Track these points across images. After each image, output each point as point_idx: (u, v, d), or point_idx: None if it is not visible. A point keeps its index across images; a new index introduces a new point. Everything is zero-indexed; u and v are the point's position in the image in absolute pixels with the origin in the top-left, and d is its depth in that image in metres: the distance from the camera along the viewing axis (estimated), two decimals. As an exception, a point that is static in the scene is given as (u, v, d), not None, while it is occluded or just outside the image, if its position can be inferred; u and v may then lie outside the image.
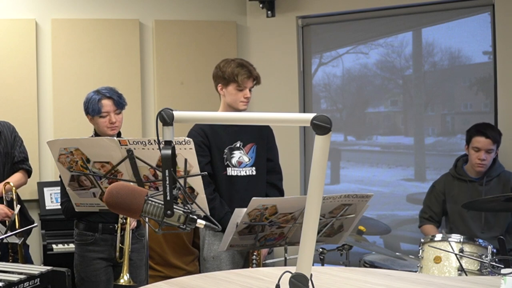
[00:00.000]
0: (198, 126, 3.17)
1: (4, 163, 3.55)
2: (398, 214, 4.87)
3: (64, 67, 4.66)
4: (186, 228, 1.50)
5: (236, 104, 3.16)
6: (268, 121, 1.80)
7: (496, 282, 2.04)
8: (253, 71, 3.17)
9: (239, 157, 3.20)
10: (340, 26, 4.98)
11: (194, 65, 4.89)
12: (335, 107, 5.23)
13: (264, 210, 2.67)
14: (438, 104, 4.75)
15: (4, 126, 3.61)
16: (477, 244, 3.12)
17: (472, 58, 4.57)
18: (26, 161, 3.65)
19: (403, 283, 2.06)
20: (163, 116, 1.51)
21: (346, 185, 5.05)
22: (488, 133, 3.68)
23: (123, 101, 3.20)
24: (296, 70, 4.98)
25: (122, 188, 1.53)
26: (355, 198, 2.83)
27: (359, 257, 3.86)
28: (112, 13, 4.81)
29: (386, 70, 4.90)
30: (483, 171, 3.72)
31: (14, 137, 3.58)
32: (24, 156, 3.64)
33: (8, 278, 2.37)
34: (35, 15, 4.64)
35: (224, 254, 3.10)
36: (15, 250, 3.42)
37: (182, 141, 2.46)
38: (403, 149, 4.90)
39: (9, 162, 3.57)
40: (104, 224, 3.17)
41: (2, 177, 3.53)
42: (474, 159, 3.71)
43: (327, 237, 3.01)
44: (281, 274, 1.61)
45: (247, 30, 5.10)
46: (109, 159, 2.61)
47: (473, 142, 3.71)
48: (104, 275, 3.19)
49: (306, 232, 1.49)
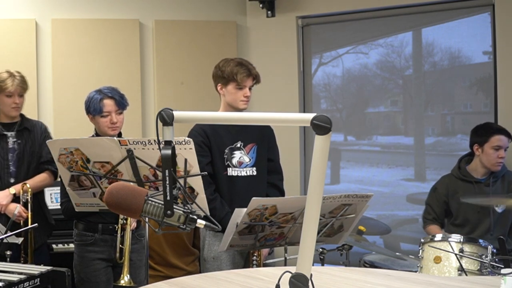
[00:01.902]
0: (198, 126, 3.17)
1: (29, 162, 3.56)
2: (398, 214, 4.87)
3: (64, 67, 4.66)
4: (186, 228, 1.50)
5: (236, 103, 3.16)
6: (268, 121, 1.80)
7: (496, 282, 2.04)
8: (252, 70, 3.17)
9: (240, 157, 3.19)
10: (340, 26, 4.98)
11: (194, 65, 4.89)
12: (335, 107, 5.23)
13: (264, 210, 2.67)
14: (438, 104, 4.75)
15: (36, 126, 3.64)
16: (477, 244, 3.12)
17: (472, 58, 4.57)
18: (53, 162, 3.64)
19: (403, 283, 2.06)
20: (163, 116, 1.51)
21: (346, 185, 5.05)
22: (506, 131, 3.69)
23: (124, 101, 3.20)
24: (296, 70, 4.98)
25: (122, 188, 1.53)
26: (355, 198, 2.83)
27: (359, 257, 3.86)
28: (112, 13, 4.81)
29: (386, 70, 4.90)
30: (500, 169, 3.71)
31: (44, 137, 3.58)
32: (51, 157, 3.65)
33: (8, 278, 2.37)
34: (35, 15, 4.64)
35: (224, 255, 3.10)
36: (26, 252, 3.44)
37: (182, 141, 2.46)
38: (403, 149, 4.90)
39: (34, 162, 3.57)
40: (104, 225, 3.17)
41: (26, 175, 3.54)
42: (494, 158, 3.66)
43: (327, 237, 3.01)
44: (281, 274, 1.61)
45: (247, 30, 5.10)
46: (109, 159, 2.61)
47: (493, 141, 3.66)
48: (104, 276, 3.18)
49: (306, 232, 1.49)
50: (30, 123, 3.64)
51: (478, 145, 3.73)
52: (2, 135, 3.52)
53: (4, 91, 3.46)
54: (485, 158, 3.71)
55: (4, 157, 3.50)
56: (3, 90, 3.45)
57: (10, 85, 3.45)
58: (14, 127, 3.56)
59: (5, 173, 3.51)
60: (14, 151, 3.53)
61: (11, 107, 3.50)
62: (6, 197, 3.43)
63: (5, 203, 3.41)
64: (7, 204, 3.42)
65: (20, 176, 3.53)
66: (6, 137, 3.53)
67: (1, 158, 3.50)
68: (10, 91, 3.46)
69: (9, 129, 3.55)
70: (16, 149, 3.53)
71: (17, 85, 3.47)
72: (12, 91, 3.46)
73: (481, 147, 3.71)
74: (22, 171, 3.54)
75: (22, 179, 3.52)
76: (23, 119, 3.62)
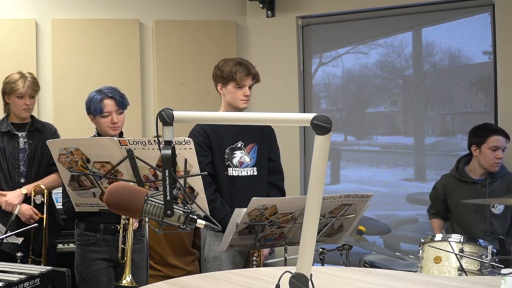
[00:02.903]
0: (199, 126, 3.17)
1: (39, 163, 3.57)
2: (398, 214, 4.87)
3: (64, 67, 4.66)
4: (186, 228, 1.50)
5: (236, 103, 3.16)
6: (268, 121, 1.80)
7: (496, 282, 2.04)
8: (251, 69, 3.17)
9: (240, 157, 3.20)
10: (340, 26, 4.98)
11: (194, 65, 4.89)
12: (335, 107, 5.23)
13: (264, 210, 2.67)
14: (438, 104, 4.75)
15: (46, 127, 3.66)
16: (477, 244, 3.12)
17: (472, 58, 4.57)
18: None
19: (403, 283, 2.06)
20: (163, 116, 1.51)
21: (346, 185, 5.05)
22: (503, 131, 3.68)
23: (125, 101, 3.20)
24: (296, 70, 4.98)
25: (122, 188, 1.54)
26: (355, 198, 2.83)
27: (359, 257, 3.86)
28: (112, 13, 4.81)
29: (386, 70, 4.90)
30: (498, 170, 3.71)
31: None
32: None
33: (8, 278, 2.37)
34: (35, 15, 4.64)
35: (224, 255, 3.10)
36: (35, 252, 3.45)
37: (182, 141, 2.46)
38: (403, 149, 4.90)
39: (45, 163, 3.58)
40: (105, 225, 3.17)
41: (36, 176, 3.55)
42: (492, 158, 3.67)
43: (327, 237, 3.02)
44: (281, 274, 1.61)
45: (247, 30, 5.10)
46: (109, 159, 2.61)
47: (491, 142, 3.66)
48: (105, 276, 3.18)
49: (306, 232, 1.49)
50: (40, 124, 3.66)
51: (476, 146, 3.73)
52: (14, 135, 3.53)
53: (15, 92, 3.47)
54: (482, 159, 3.70)
55: (15, 157, 3.52)
56: (14, 91, 3.47)
57: (21, 87, 3.46)
58: (25, 128, 3.57)
59: (16, 173, 3.52)
60: (25, 152, 3.54)
61: (22, 109, 3.51)
62: (18, 197, 3.44)
63: (16, 203, 3.42)
64: (19, 203, 3.43)
65: (30, 176, 3.54)
66: (17, 137, 3.54)
67: (12, 158, 3.51)
68: (21, 92, 3.47)
69: (20, 129, 3.56)
70: (27, 150, 3.54)
71: (28, 86, 3.48)
72: (23, 92, 3.47)
73: (478, 147, 3.71)
74: (32, 172, 3.55)
75: (32, 179, 3.53)
76: (34, 120, 3.64)
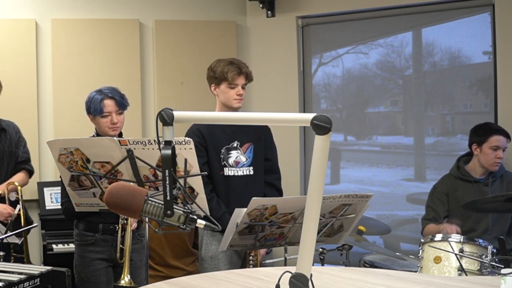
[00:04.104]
0: (195, 127, 3.17)
1: (8, 162, 3.57)
2: (398, 214, 4.87)
3: (64, 67, 4.66)
4: (186, 228, 1.50)
5: (229, 102, 3.16)
6: (268, 121, 1.80)
7: (496, 282, 2.04)
8: (243, 68, 3.17)
9: (236, 157, 3.19)
10: (340, 26, 4.98)
11: (194, 65, 4.89)
12: (335, 107, 5.23)
13: (264, 210, 2.67)
14: (438, 104, 4.75)
15: (10, 126, 3.63)
16: (477, 244, 3.12)
17: (472, 58, 4.57)
18: (29, 161, 3.67)
19: (403, 283, 2.06)
20: (163, 116, 1.51)
21: (346, 185, 5.05)
22: (505, 131, 3.69)
23: (125, 101, 3.19)
24: (296, 70, 4.98)
25: (122, 188, 1.53)
26: (355, 198, 2.83)
27: (359, 257, 3.86)
28: (112, 13, 4.81)
29: (386, 70, 4.90)
30: (498, 169, 3.71)
31: (19, 137, 3.61)
32: (27, 156, 3.66)
33: (8, 278, 2.37)
34: (35, 15, 4.64)
35: (221, 254, 3.10)
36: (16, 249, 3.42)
37: (182, 141, 2.46)
38: (403, 149, 4.90)
39: (12, 162, 3.58)
40: (104, 225, 3.16)
41: (5, 176, 3.55)
42: (492, 158, 3.67)
43: (327, 237, 3.01)
44: (281, 274, 1.61)
45: (247, 30, 5.10)
46: (109, 159, 2.61)
47: (492, 141, 3.67)
48: (104, 276, 3.18)
49: (306, 232, 1.49)
50: (4, 123, 3.63)
51: (477, 145, 3.73)
52: None
53: None
54: (483, 158, 3.71)
55: None
56: None
57: None
58: None
59: None
60: None
61: None
62: None
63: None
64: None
65: (1, 176, 3.53)
66: None
67: None
68: None
69: None
70: None
71: None
72: None
73: (479, 147, 3.72)
74: (2, 172, 3.55)
75: (2, 179, 3.52)
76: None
